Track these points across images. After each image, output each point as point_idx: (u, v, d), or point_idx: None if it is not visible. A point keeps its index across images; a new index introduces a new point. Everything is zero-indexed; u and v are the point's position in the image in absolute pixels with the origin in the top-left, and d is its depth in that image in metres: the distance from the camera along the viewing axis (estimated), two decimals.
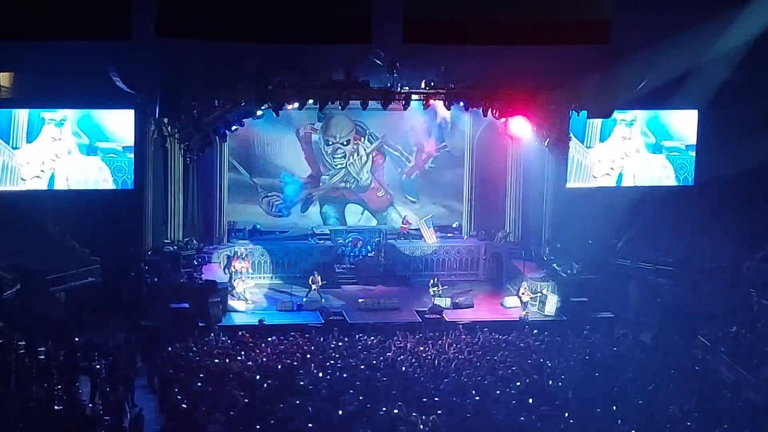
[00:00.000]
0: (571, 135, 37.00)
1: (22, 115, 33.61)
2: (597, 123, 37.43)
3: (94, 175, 34.44)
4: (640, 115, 38.22)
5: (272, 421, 25.32)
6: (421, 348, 31.90)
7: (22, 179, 33.89)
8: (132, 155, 34.69)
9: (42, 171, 34.02)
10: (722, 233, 36.41)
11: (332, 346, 31.93)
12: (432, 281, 37.37)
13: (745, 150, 35.09)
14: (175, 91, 32.77)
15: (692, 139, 38.47)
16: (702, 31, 32.33)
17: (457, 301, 36.83)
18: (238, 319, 34.85)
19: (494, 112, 36.54)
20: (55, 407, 25.45)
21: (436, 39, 16.36)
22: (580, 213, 37.82)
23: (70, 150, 34.17)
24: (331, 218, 41.95)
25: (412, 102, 35.54)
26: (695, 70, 34.49)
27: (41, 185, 34.04)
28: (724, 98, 35.77)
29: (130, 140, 34.61)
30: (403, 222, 41.68)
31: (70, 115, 34.13)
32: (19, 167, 33.68)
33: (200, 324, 33.31)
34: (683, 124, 38.48)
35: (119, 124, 34.60)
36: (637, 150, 38.48)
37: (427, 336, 33.29)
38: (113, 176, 34.53)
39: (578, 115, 36.48)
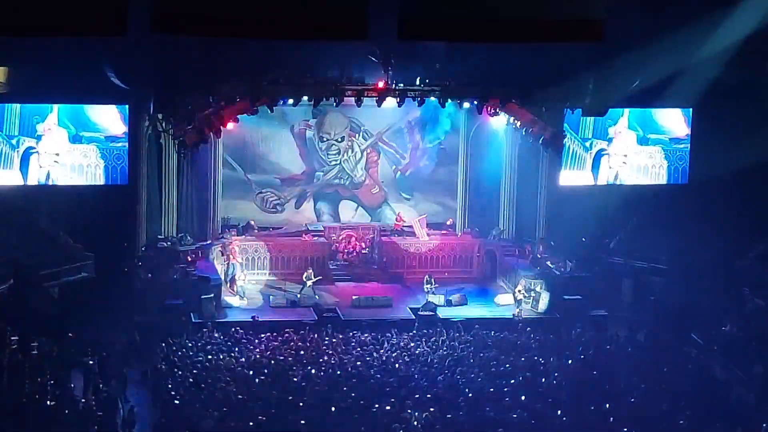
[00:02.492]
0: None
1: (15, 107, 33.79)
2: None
3: (78, 160, 34.48)
4: (626, 110, 38.39)
5: (265, 418, 25.34)
6: (415, 345, 31.92)
7: (40, 166, 34.27)
8: (116, 144, 34.64)
9: (56, 162, 34.36)
10: (716, 232, 36.46)
11: (325, 342, 31.93)
12: (425, 278, 37.36)
13: (738, 149, 35.14)
14: (169, 87, 32.79)
15: (676, 133, 38.63)
16: (696, 29, 32.40)
17: (450, 298, 36.82)
18: (232, 316, 34.81)
19: (489, 109, 36.58)
20: (48, 403, 25.45)
21: (431, 35, 16.36)
22: (574, 211, 37.82)
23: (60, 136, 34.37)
24: (325, 215, 41.95)
25: (407, 99, 35.61)
26: (689, 69, 34.52)
27: (59, 174, 34.26)
28: (718, 97, 35.81)
29: (113, 130, 34.56)
30: (397, 218, 41.66)
31: (55, 106, 34.24)
32: (38, 157, 34.06)
33: (194, 320, 33.32)
34: (668, 118, 38.62)
35: (102, 116, 34.58)
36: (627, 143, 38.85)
37: (420, 333, 33.29)
38: (102, 159, 34.51)
39: (572, 113, 36.58)
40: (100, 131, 34.57)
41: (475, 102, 36.22)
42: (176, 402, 26.18)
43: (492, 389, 27.80)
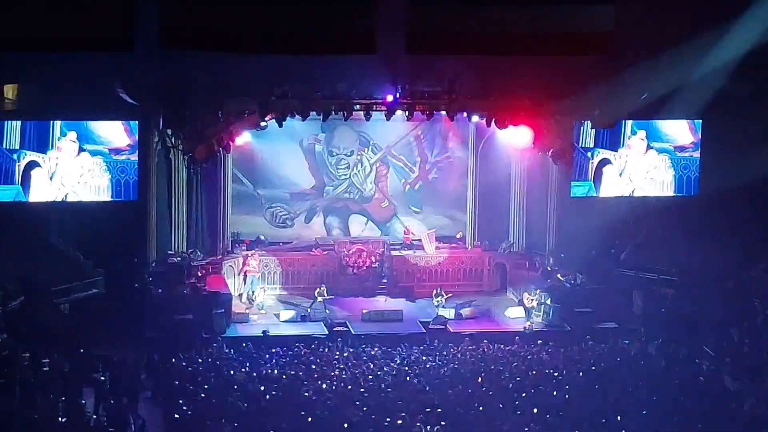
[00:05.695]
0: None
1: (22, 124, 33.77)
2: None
3: (83, 174, 34.43)
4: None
5: None
6: (425, 359, 31.87)
7: (63, 184, 34.02)
8: (120, 157, 34.59)
9: (85, 181, 34.29)
10: (726, 243, 36.36)
11: (336, 357, 31.91)
12: (435, 291, 37.32)
13: (748, 160, 35.08)
14: (178, 103, 32.84)
15: (681, 141, 38.48)
16: (703, 40, 32.38)
17: (461, 311, 36.79)
18: (242, 330, 34.81)
19: (498, 122, 36.58)
20: (60, 419, 25.46)
21: (439, 50, 16.39)
22: (584, 223, 37.76)
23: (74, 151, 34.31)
24: (335, 229, 41.96)
25: (415, 112, 35.69)
26: (697, 80, 34.47)
27: (66, 189, 34.16)
28: (727, 108, 35.74)
29: (117, 142, 34.50)
30: (405, 231, 41.66)
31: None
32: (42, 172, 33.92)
33: (204, 335, 33.31)
34: (673, 127, 38.48)
35: (106, 128, 34.47)
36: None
37: (431, 347, 33.25)
38: (108, 172, 34.40)
39: (581, 125, 36.52)
40: (103, 144, 34.48)
41: (485, 115, 36.23)
42: (187, 417, 26.16)
43: (503, 403, 27.73)
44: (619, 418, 26.83)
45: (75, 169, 34.26)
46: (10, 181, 33.55)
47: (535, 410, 27.12)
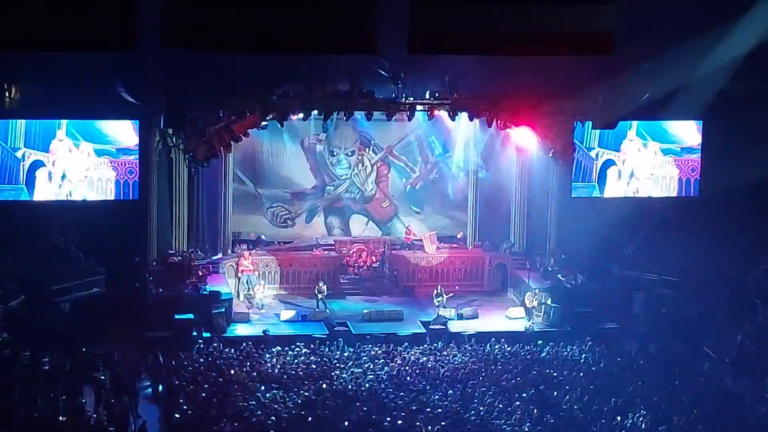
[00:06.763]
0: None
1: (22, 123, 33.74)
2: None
3: (85, 171, 34.36)
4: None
5: None
6: (426, 359, 31.87)
7: (70, 181, 34.03)
8: (128, 157, 34.57)
9: (86, 177, 34.31)
10: (727, 244, 36.35)
11: (337, 356, 31.91)
12: (435, 291, 37.30)
13: (750, 160, 35.07)
14: (180, 102, 32.84)
15: (688, 142, 38.47)
16: (704, 41, 32.39)
17: (461, 311, 36.77)
18: (243, 330, 34.79)
19: (499, 122, 36.56)
20: (60, 418, 25.48)
21: (441, 49, 16.40)
22: (585, 223, 37.76)
23: (69, 150, 34.30)
24: (336, 229, 41.94)
25: (416, 112, 35.67)
26: (698, 80, 34.47)
27: (70, 188, 34.08)
28: (729, 108, 35.74)
29: (125, 142, 34.52)
30: (406, 231, 41.64)
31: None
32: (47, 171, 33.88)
33: (205, 334, 33.30)
34: (679, 127, 38.45)
35: (113, 127, 34.47)
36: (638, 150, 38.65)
37: (431, 347, 33.25)
38: (114, 171, 34.34)
39: (583, 126, 36.51)
40: (111, 143, 34.48)
41: (486, 115, 36.21)
42: (187, 417, 26.17)
43: (503, 403, 27.73)
44: (619, 418, 26.85)
45: (80, 168, 34.30)
46: (15, 181, 33.63)
47: (536, 411, 27.14)
